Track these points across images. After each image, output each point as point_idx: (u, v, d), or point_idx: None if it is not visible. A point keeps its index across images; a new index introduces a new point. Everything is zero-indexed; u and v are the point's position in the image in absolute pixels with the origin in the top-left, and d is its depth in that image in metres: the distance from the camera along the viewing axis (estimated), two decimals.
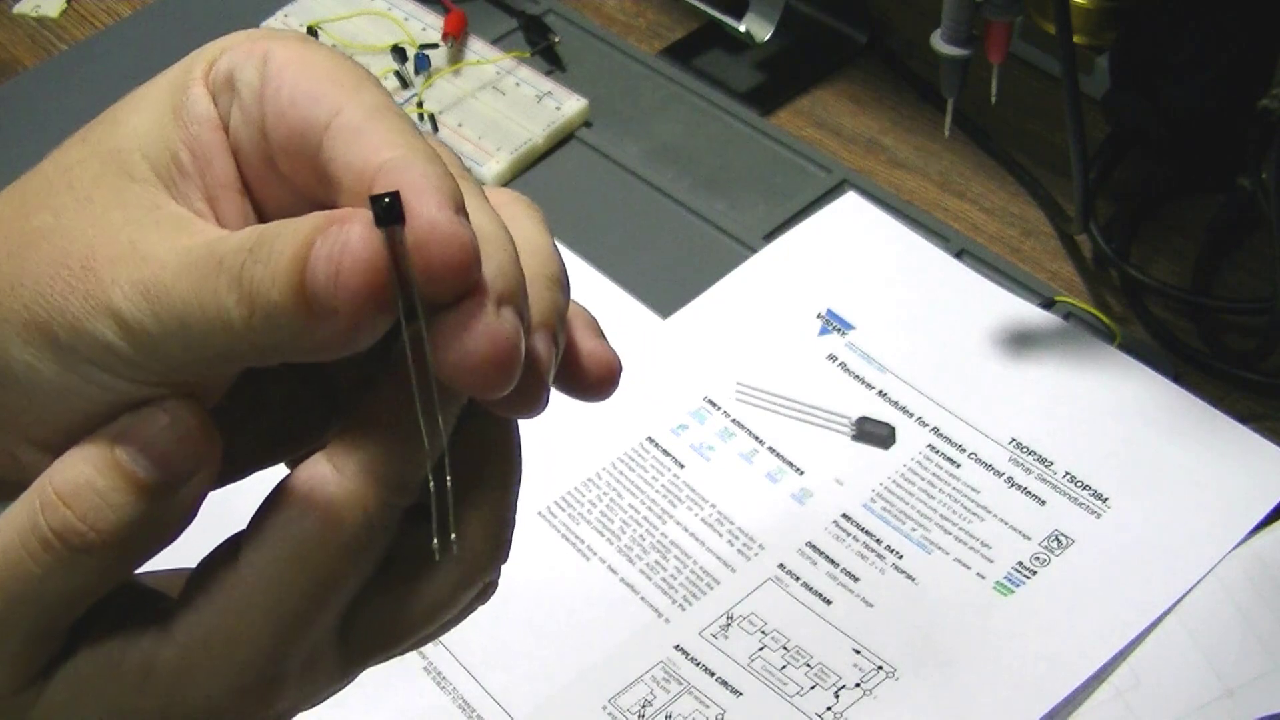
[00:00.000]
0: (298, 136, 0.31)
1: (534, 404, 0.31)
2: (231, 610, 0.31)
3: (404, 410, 0.30)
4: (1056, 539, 0.62)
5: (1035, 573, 0.61)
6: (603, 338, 0.35)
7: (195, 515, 0.31)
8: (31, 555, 0.30)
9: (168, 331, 0.29)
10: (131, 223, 0.30)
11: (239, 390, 0.32)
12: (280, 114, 0.31)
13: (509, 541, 0.33)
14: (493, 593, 0.35)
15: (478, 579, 0.33)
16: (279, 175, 0.32)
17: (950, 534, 0.62)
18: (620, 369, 0.34)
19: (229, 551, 0.31)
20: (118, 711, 0.32)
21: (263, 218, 0.32)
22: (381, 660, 0.34)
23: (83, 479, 0.30)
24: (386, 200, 0.27)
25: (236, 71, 0.32)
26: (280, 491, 0.31)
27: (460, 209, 0.28)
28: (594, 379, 0.34)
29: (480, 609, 0.37)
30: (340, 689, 0.34)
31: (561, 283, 0.33)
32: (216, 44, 0.33)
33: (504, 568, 0.34)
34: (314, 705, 0.34)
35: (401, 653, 0.34)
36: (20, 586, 0.30)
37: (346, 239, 0.27)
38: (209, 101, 0.32)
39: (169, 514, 0.30)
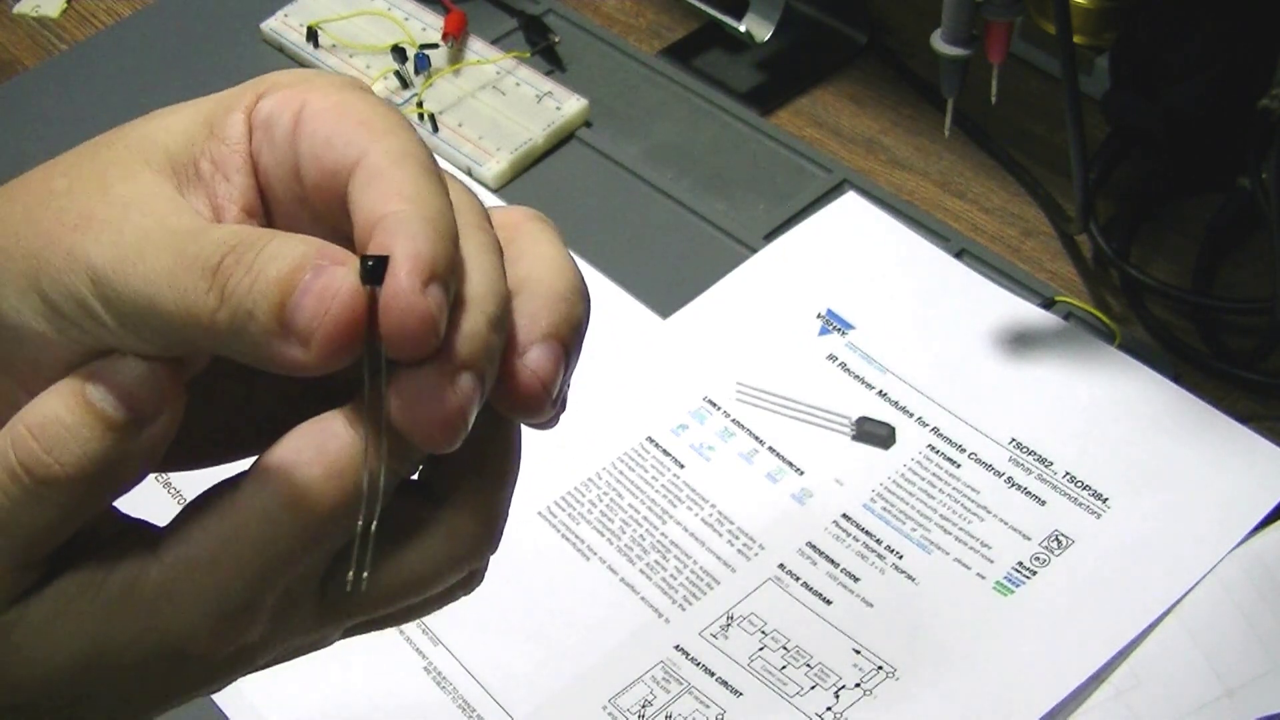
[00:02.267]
0: (329, 176, 0.32)
1: (539, 416, 0.32)
2: (222, 536, 0.32)
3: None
4: (1056, 539, 0.62)
5: (1035, 573, 0.61)
6: (552, 347, 0.33)
7: (158, 460, 0.32)
8: (1, 487, 0.31)
9: (131, 294, 0.30)
10: (132, 196, 0.32)
11: (209, 383, 0.34)
12: (314, 156, 0.32)
13: (500, 532, 0.34)
14: (477, 583, 0.36)
15: (464, 562, 0.34)
16: (312, 214, 0.33)
17: (950, 534, 0.62)
18: (549, 393, 0.33)
19: (228, 486, 0.32)
20: (97, 632, 0.32)
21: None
22: (359, 626, 0.35)
23: (51, 414, 0.31)
24: (371, 264, 0.29)
25: (272, 117, 0.33)
26: (289, 438, 0.31)
27: (433, 279, 0.29)
28: (519, 399, 0.32)
29: (481, 609, 0.37)
30: (315, 646, 0.35)
31: (580, 293, 0.33)
32: (266, 79, 0.34)
33: (504, 567, 0.34)
34: (287, 657, 0.35)
35: (380, 625, 0.35)
36: None
37: (338, 288, 0.29)
38: (245, 129, 0.34)
39: (132, 454, 0.31)
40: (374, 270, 0.29)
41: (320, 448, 0.31)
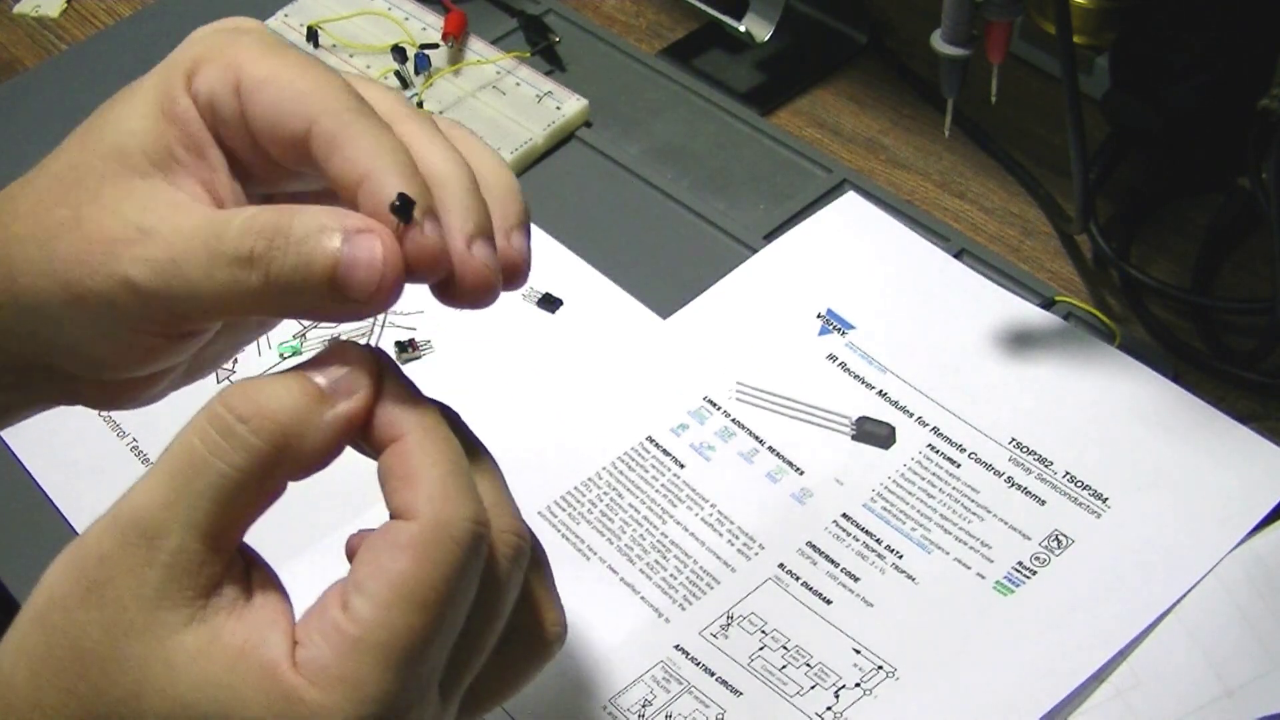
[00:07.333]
0: (288, 146, 0.38)
1: (488, 297, 0.39)
2: (350, 655, 0.34)
3: (446, 444, 0.36)
4: (1056, 539, 0.62)
5: (1035, 573, 0.61)
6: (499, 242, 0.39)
7: (338, 453, 0.37)
8: (202, 438, 0.35)
9: (177, 296, 0.37)
10: (138, 210, 0.38)
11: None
12: (269, 131, 0.38)
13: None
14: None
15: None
16: (276, 164, 0.40)
17: (950, 534, 0.62)
18: (497, 281, 0.38)
19: (336, 597, 0.35)
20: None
21: (250, 185, 0.41)
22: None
23: (262, 379, 0.36)
24: (399, 203, 0.36)
25: (216, 100, 0.39)
26: (370, 544, 0.35)
27: (425, 213, 0.36)
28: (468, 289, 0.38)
29: None
30: None
31: (518, 192, 0.40)
32: (187, 53, 0.39)
33: None
34: None
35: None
36: (191, 466, 0.34)
37: (385, 254, 0.36)
38: (194, 110, 0.39)
39: (321, 426, 0.36)
40: (403, 209, 0.36)
41: (396, 541, 0.35)
